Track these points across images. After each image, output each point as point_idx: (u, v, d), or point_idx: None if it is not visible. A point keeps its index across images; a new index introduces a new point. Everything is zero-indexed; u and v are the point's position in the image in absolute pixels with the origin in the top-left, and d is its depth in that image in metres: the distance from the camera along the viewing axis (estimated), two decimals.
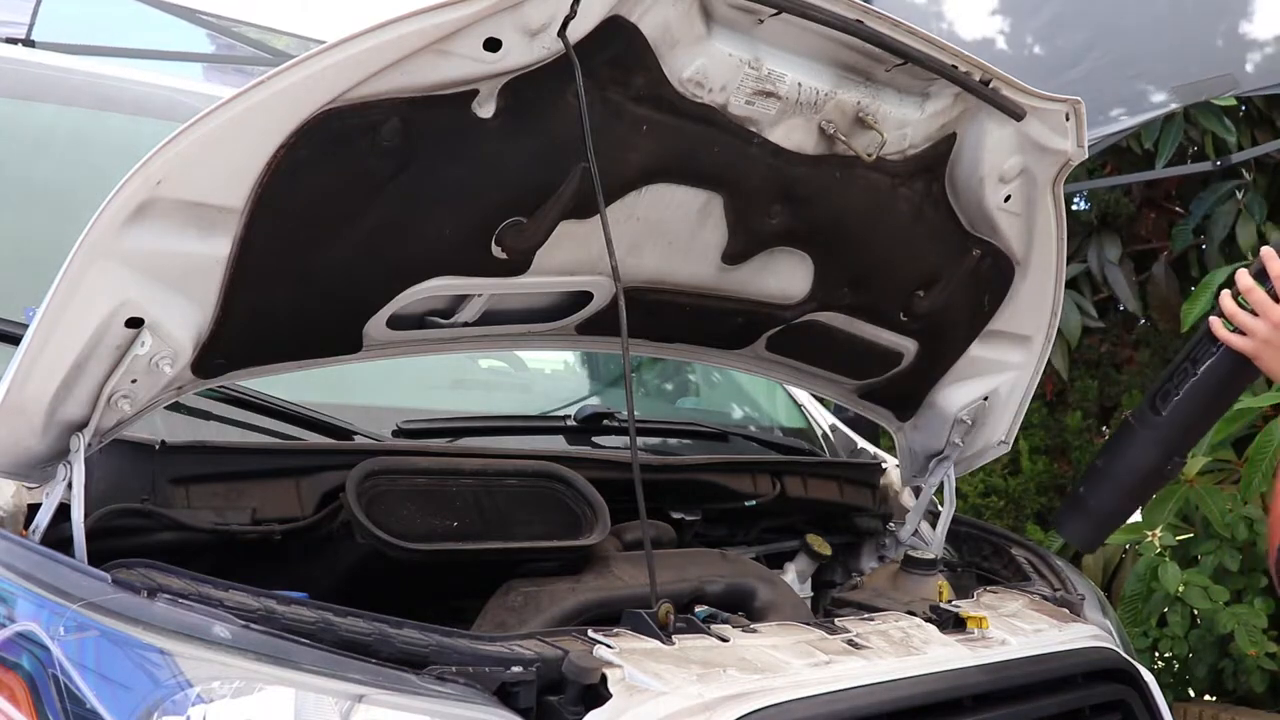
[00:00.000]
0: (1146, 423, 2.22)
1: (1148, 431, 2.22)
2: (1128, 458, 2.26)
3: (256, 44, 5.28)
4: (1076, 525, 2.36)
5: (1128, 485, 2.29)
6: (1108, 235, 5.51)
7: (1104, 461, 2.30)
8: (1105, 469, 2.29)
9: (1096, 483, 2.31)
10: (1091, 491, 2.31)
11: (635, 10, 1.71)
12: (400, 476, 1.98)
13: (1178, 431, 2.23)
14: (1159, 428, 2.21)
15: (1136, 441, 2.24)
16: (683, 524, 2.43)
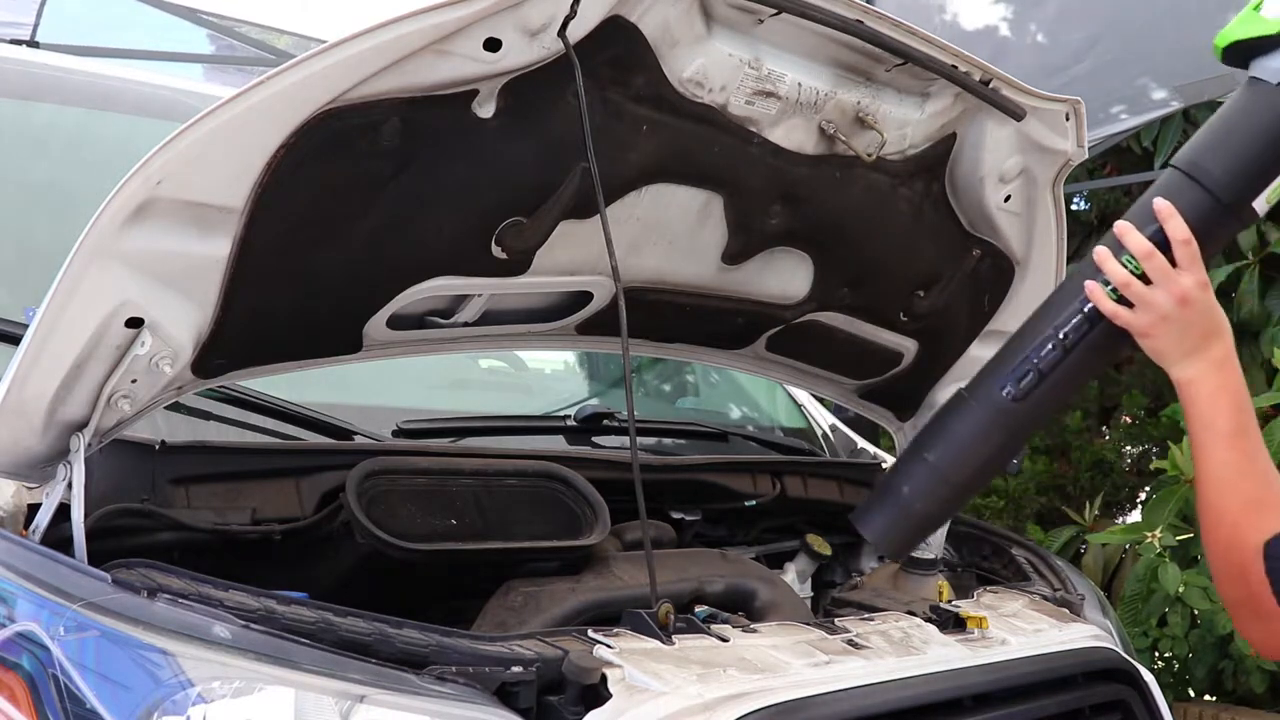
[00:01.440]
0: (996, 408, 1.77)
1: (997, 419, 1.77)
2: (967, 449, 1.79)
3: (257, 44, 5.29)
4: (887, 524, 1.86)
5: (961, 482, 1.82)
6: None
7: (934, 453, 1.81)
8: (936, 462, 1.80)
9: (922, 476, 1.82)
10: (915, 487, 1.81)
11: (635, 10, 1.71)
12: (400, 476, 1.98)
13: (1033, 421, 1.82)
14: (1014, 416, 1.77)
15: (981, 430, 1.78)
16: (683, 524, 2.43)
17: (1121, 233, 1.63)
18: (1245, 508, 1.44)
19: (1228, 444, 1.48)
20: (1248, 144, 1.61)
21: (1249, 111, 1.62)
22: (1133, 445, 6.07)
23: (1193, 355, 1.55)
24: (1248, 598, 1.36)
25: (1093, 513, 5.46)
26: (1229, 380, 1.53)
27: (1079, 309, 1.71)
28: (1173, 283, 1.57)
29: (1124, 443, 6.09)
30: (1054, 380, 1.74)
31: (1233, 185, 1.61)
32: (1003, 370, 1.78)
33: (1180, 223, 1.59)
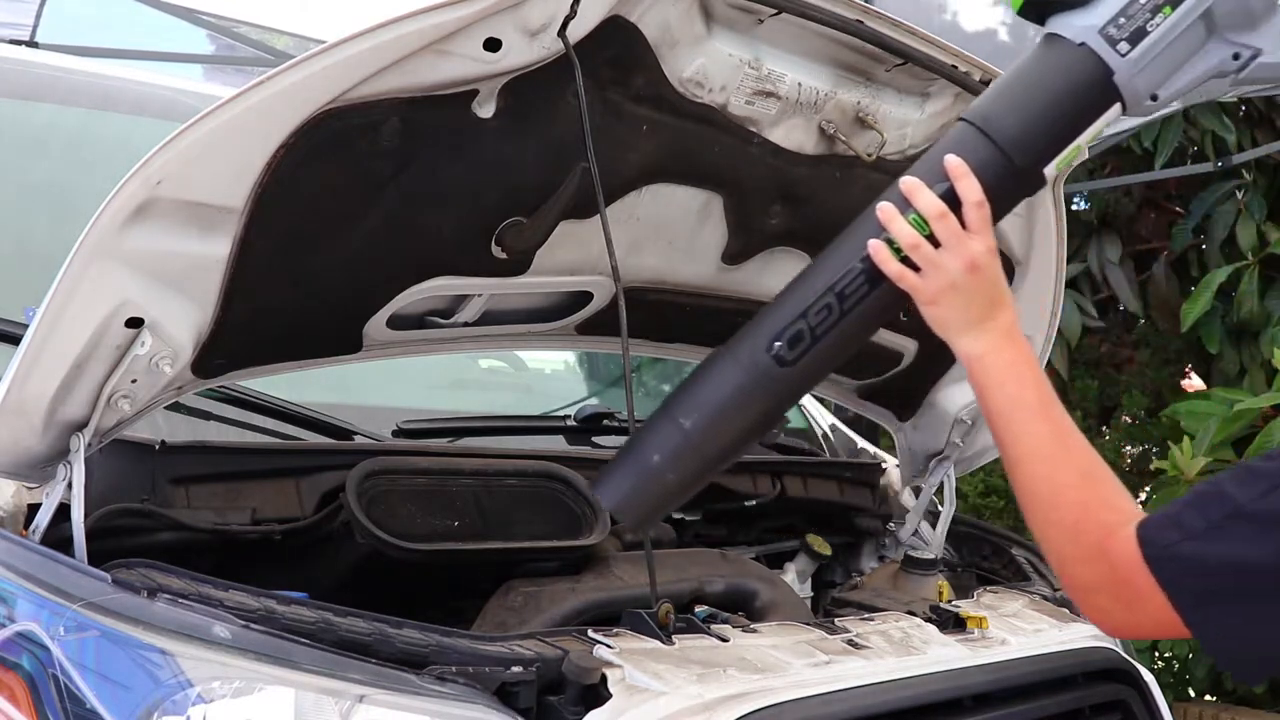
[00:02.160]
0: (761, 371, 1.56)
1: (761, 382, 1.56)
2: (726, 415, 1.58)
3: (256, 44, 5.28)
4: (631, 492, 1.62)
5: (717, 451, 1.61)
6: (1108, 235, 5.50)
7: (690, 418, 1.59)
8: (691, 429, 1.58)
9: (674, 443, 1.60)
10: (666, 455, 1.59)
11: (635, 10, 1.71)
12: (400, 476, 1.98)
13: (801, 386, 1.64)
14: (780, 380, 1.57)
15: (743, 395, 1.58)
16: (683, 524, 2.43)
17: (910, 190, 1.46)
18: (1083, 483, 1.33)
19: (1042, 416, 1.37)
20: (1046, 105, 1.48)
21: (1047, 71, 1.49)
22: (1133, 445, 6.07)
23: (979, 326, 1.43)
24: (1110, 583, 1.27)
25: None
26: (1022, 350, 1.42)
27: (860, 268, 1.52)
28: (964, 246, 1.43)
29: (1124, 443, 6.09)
30: (826, 343, 1.56)
31: (1027, 146, 1.48)
32: (770, 329, 1.58)
33: (974, 183, 1.45)
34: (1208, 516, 1.20)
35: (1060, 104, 1.48)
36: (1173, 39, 1.42)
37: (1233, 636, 1.20)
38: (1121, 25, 1.42)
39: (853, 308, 1.54)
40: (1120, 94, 1.45)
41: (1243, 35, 1.42)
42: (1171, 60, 1.44)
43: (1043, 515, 1.35)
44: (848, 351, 1.62)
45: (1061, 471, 1.35)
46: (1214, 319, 5.08)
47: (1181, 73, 1.45)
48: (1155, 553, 1.22)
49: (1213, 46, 1.44)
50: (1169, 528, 1.22)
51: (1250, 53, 1.42)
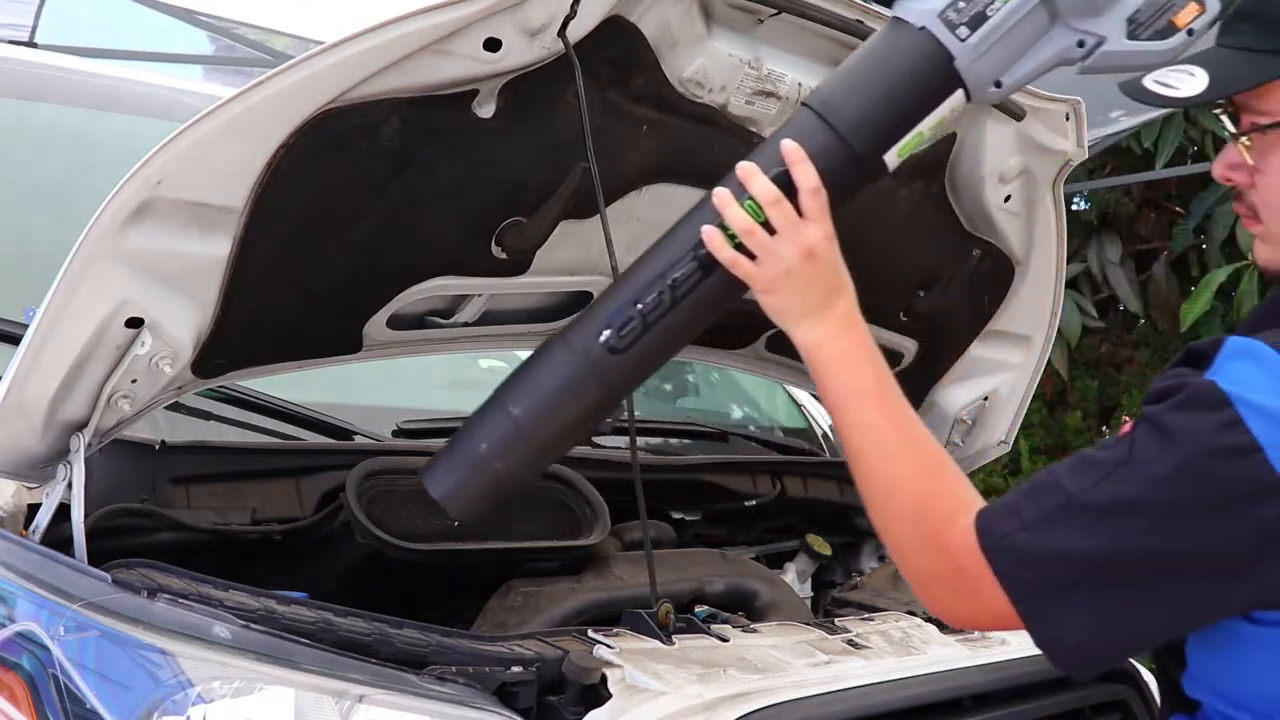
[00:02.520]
0: (592, 359, 1.52)
1: (592, 371, 1.53)
2: (556, 404, 1.54)
3: (256, 45, 5.28)
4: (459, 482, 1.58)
5: (548, 441, 1.57)
6: (1108, 235, 5.51)
7: (519, 406, 1.55)
8: (521, 417, 1.55)
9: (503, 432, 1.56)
10: (495, 444, 1.56)
11: (635, 10, 1.72)
12: (400, 476, 1.98)
13: (634, 375, 1.60)
14: (611, 369, 1.53)
15: (574, 383, 1.54)
16: (683, 524, 2.43)
17: (746, 175, 1.42)
18: (922, 473, 1.31)
19: (878, 405, 1.34)
20: (886, 91, 1.43)
21: (889, 55, 1.44)
22: None
23: (816, 314, 1.39)
24: (948, 572, 1.25)
25: None
26: (860, 338, 1.38)
27: (694, 255, 1.47)
28: (799, 234, 1.39)
29: None
30: (659, 331, 1.51)
31: (866, 133, 1.44)
32: (602, 317, 1.53)
33: (810, 169, 1.41)
34: (1042, 506, 1.19)
35: (901, 90, 1.44)
36: (1013, 24, 1.39)
37: (1064, 628, 1.19)
38: (961, 10, 1.39)
39: (686, 295, 1.49)
40: (962, 80, 1.41)
41: (1086, 22, 1.39)
42: (1013, 46, 1.40)
43: (881, 504, 1.32)
44: (685, 339, 1.58)
45: (899, 461, 1.32)
46: (1214, 319, 5.08)
47: (1025, 59, 1.41)
48: (992, 543, 1.20)
49: (1056, 33, 1.40)
50: (1006, 517, 1.21)
51: (1095, 40, 1.39)
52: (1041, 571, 1.18)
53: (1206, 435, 1.12)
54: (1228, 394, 1.13)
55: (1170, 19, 1.37)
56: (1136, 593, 1.16)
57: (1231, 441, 1.12)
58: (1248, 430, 1.11)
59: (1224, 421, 1.12)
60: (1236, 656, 1.21)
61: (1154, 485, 1.14)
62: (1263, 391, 1.12)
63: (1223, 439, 1.12)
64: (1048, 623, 1.19)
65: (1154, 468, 1.14)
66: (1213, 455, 1.12)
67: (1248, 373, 1.14)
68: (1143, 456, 1.15)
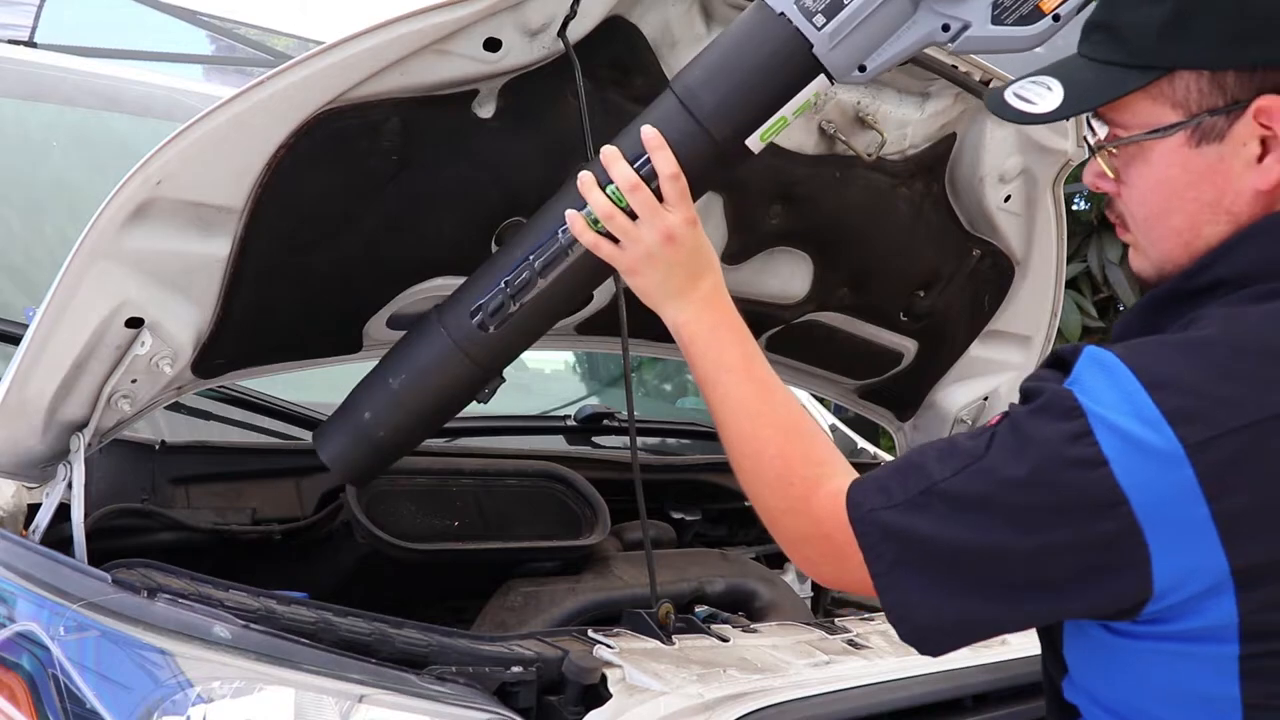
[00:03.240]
0: (464, 334, 1.61)
1: (464, 345, 1.61)
2: (431, 376, 1.65)
3: (256, 45, 5.29)
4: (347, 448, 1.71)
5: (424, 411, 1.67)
6: (1108, 235, 5.50)
7: (398, 378, 1.66)
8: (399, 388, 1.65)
9: (384, 401, 1.67)
10: (377, 413, 1.67)
11: (635, 10, 1.72)
12: (400, 476, 1.98)
13: (503, 351, 1.66)
14: (481, 345, 1.61)
15: (446, 357, 1.63)
16: (683, 524, 2.43)
17: (608, 160, 1.45)
18: (787, 436, 1.34)
19: (743, 376, 1.38)
20: (746, 76, 1.43)
21: (749, 40, 1.43)
22: None
23: (680, 295, 1.43)
24: (816, 536, 1.28)
25: None
26: (724, 315, 1.43)
27: (559, 237, 1.53)
28: (659, 219, 1.43)
29: None
30: (527, 310, 1.57)
31: (726, 119, 1.45)
32: (474, 294, 1.61)
33: (668, 155, 1.43)
34: (907, 488, 1.20)
35: (760, 76, 1.43)
36: (872, 10, 1.37)
37: (914, 609, 1.20)
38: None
39: (550, 274, 1.55)
40: (823, 65, 1.41)
41: (950, 7, 1.37)
42: (875, 32, 1.39)
43: (750, 470, 1.35)
44: (553, 318, 1.63)
45: (765, 427, 1.35)
46: None
47: (889, 44, 1.40)
48: (858, 515, 1.22)
49: (921, 17, 1.39)
50: (875, 492, 1.22)
51: (959, 24, 1.37)
52: (900, 550, 1.19)
53: (1058, 444, 1.12)
54: (1080, 404, 1.12)
55: (1036, 4, 1.35)
56: (980, 586, 1.17)
57: (1081, 453, 1.11)
58: (1096, 443, 1.10)
59: (1075, 432, 1.11)
60: (1108, 664, 1.22)
61: (1005, 487, 1.14)
62: (1110, 406, 1.11)
63: (1073, 450, 1.11)
64: (901, 600, 1.21)
65: (1007, 470, 1.14)
66: (1062, 465, 1.12)
67: (1099, 384, 1.13)
68: (998, 457, 1.15)
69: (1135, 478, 1.10)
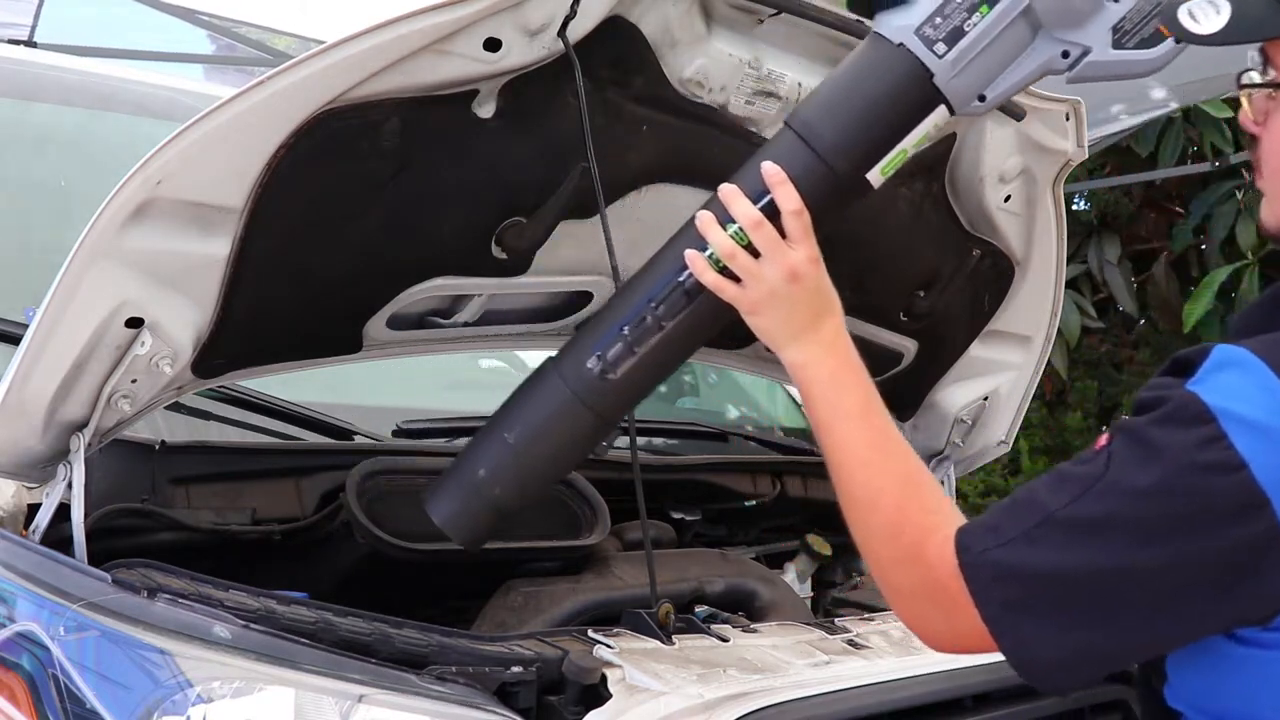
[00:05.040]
0: (584, 384, 1.53)
1: (584, 396, 1.54)
2: (550, 430, 1.57)
3: (256, 44, 5.28)
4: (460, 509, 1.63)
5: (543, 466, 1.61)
6: (1108, 235, 5.51)
7: (514, 432, 1.58)
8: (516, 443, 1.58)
9: (500, 458, 1.59)
10: (493, 470, 1.59)
11: (635, 10, 1.72)
12: (400, 476, 1.98)
13: (625, 400, 1.60)
14: (602, 394, 1.53)
15: (566, 408, 1.55)
16: (683, 524, 2.43)
17: (728, 198, 1.41)
18: (903, 486, 1.31)
19: (861, 423, 1.36)
20: (865, 109, 1.42)
21: (868, 72, 1.43)
22: None
23: (803, 336, 1.40)
24: (928, 587, 1.23)
25: None
26: (846, 358, 1.41)
27: (679, 280, 1.47)
28: (783, 256, 1.38)
29: None
30: (647, 356, 1.51)
31: (847, 153, 1.43)
32: (592, 342, 1.55)
33: (791, 191, 1.40)
34: (1021, 524, 1.17)
35: (881, 108, 1.42)
36: (993, 38, 1.37)
37: (1036, 647, 1.17)
38: (938, 25, 1.37)
39: (673, 319, 1.50)
40: (943, 95, 1.40)
41: (1070, 33, 1.36)
42: (994, 60, 1.38)
43: (861, 520, 1.32)
44: (674, 362, 1.59)
45: (879, 476, 1.32)
46: (1214, 319, 5.08)
47: (1009, 73, 1.40)
48: (970, 559, 1.18)
49: (1040, 45, 1.38)
50: (985, 533, 1.19)
51: (1079, 50, 1.37)
52: (1015, 589, 1.16)
53: (1188, 451, 1.09)
54: (1211, 408, 1.09)
55: (1157, 26, 1.34)
56: (1111, 612, 1.14)
57: (1214, 458, 1.08)
58: (1231, 446, 1.08)
59: (1207, 437, 1.08)
60: (1217, 674, 1.18)
61: (1132, 501, 1.11)
62: (1249, 404, 1.08)
63: (1205, 455, 1.08)
64: (1020, 641, 1.17)
65: (1133, 483, 1.11)
66: (1194, 472, 1.09)
67: (1234, 384, 1.10)
68: (1121, 472, 1.12)
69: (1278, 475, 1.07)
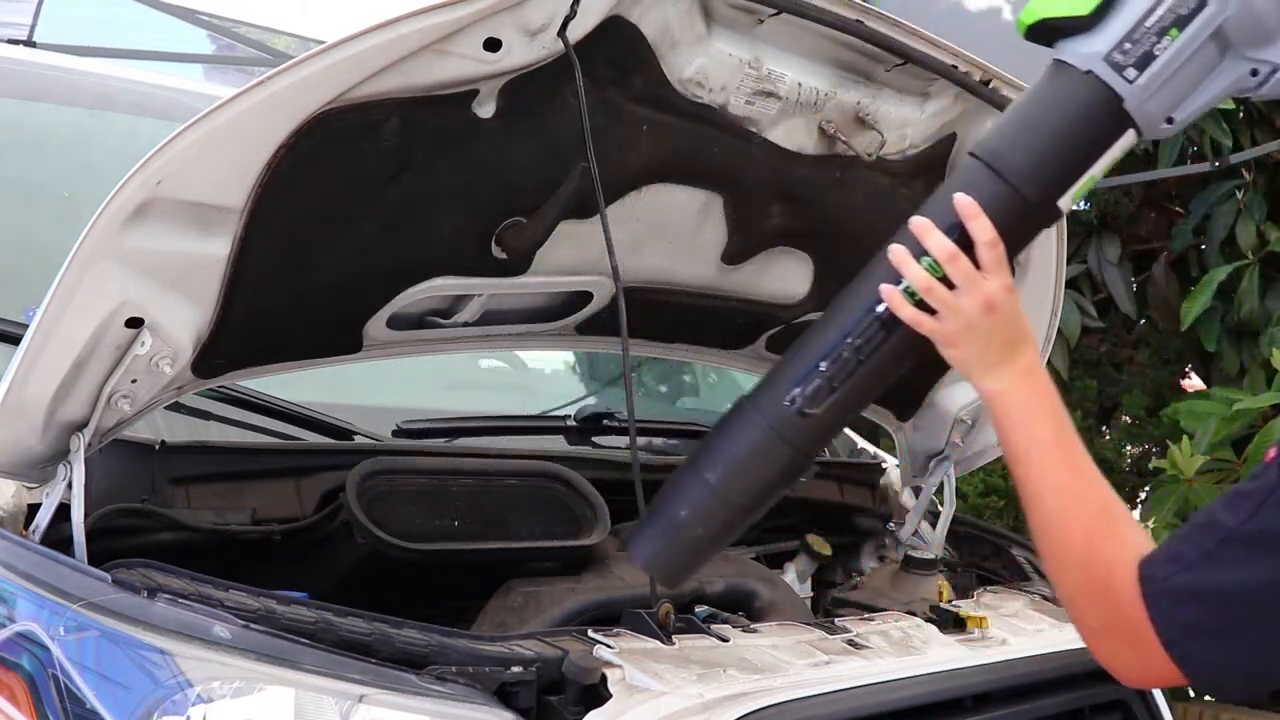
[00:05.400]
0: (782, 421, 1.56)
1: (783, 433, 1.56)
2: (750, 467, 1.59)
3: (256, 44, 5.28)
4: (662, 549, 1.64)
5: (744, 504, 1.61)
6: (1107, 235, 5.49)
7: (715, 472, 1.60)
8: (716, 483, 1.59)
9: (701, 498, 1.60)
10: (694, 510, 1.60)
11: (635, 10, 1.71)
12: (400, 476, 1.98)
13: (822, 435, 1.64)
14: (801, 430, 1.56)
15: (765, 446, 1.57)
16: None
17: (921, 231, 1.44)
18: (1096, 518, 1.32)
19: (1056, 453, 1.36)
20: (1054, 136, 1.44)
21: (1055, 100, 1.44)
22: (1133, 445, 6.07)
23: (999, 365, 1.41)
24: (1116, 621, 1.24)
25: None
26: (1041, 387, 1.41)
27: (875, 314, 1.50)
28: (978, 287, 1.41)
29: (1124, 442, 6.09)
30: (845, 391, 1.54)
31: (1038, 181, 1.44)
32: (789, 379, 1.57)
33: (986, 223, 1.42)
34: (1201, 546, 1.17)
35: (1070, 135, 1.43)
36: (1183, 61, 1.37)
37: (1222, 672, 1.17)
38: (1128, 51, 1.37)
39: (870, 354, 1.52)
40: (1133, 120, 1.40)
41: (1260, 51, 1.37)
42: (1184, 82, 1.39)
43: (1053, 550, 1.34)
44: (870, 396, 1.60)
45: (1073, 506, 1.33)
46: (1213, 318, 5.07)
47: (1197, 94, 1.40)
48: (1153, 589, 1.19)
49: (1228, 65, 1.38)
50: (1167, 561, 1.20)
51: (1269, 68, 1.37)
52: (1198, 611, 1.16)
53: None
54: None
55: None
56: None
57: None
58: None
59: None
60: None
61: None
62: None
63: None
64: (1204, 666, 1.17)
65: None
66: None
67: None
68: None
69: None
